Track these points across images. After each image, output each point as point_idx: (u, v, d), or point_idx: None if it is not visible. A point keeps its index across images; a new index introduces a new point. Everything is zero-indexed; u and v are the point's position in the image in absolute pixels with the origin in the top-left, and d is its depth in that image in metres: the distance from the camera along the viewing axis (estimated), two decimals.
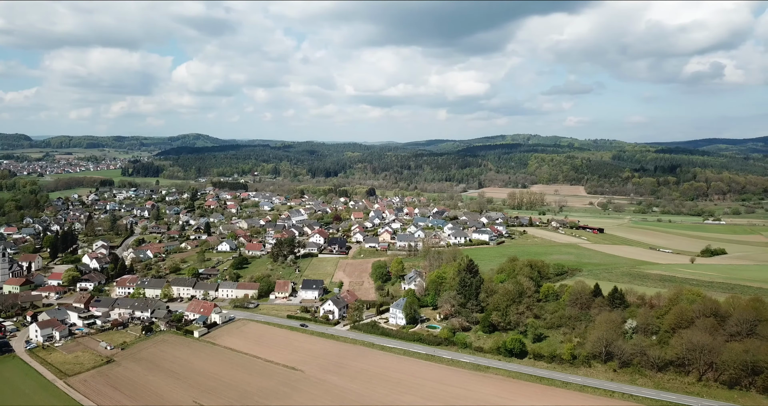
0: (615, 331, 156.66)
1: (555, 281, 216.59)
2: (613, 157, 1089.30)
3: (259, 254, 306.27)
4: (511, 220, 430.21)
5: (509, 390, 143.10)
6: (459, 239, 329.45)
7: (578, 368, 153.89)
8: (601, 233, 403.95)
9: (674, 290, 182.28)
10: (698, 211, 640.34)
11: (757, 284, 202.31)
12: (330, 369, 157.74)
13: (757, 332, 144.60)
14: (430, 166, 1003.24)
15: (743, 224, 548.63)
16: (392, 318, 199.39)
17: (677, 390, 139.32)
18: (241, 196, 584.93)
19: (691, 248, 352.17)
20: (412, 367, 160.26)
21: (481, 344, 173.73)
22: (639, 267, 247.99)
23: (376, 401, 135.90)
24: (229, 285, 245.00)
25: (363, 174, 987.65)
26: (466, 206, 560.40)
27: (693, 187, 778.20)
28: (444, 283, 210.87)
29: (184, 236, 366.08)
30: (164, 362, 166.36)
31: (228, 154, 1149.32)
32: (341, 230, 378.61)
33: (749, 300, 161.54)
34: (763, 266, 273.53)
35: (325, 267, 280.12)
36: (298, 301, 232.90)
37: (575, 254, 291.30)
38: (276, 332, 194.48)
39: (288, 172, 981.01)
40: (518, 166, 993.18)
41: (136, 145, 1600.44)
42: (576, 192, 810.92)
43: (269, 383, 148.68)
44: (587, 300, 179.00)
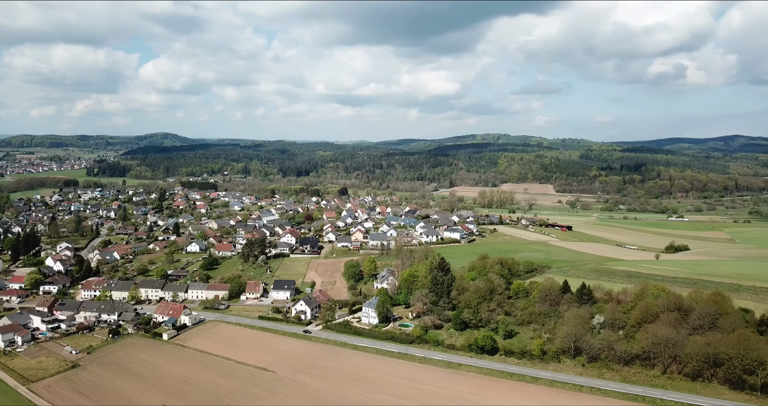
0: (583, 326, 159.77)
1: (525, 278, 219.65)
2: (581, 156, 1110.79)
3: (230, 255, 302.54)
4: (481, 218, 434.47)
5: (481, 386, 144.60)
6: (431, 237, 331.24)
7: (548, 364, 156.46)
8: (569, 231, 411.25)
9: (640, 285, 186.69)
10: (662, 208, 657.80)
11: (718, 278, 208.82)
12: (302, 369, 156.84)
13: (718, 325, 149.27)
14: (402, 166, 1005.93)
15: (705, 220, 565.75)
16: (365, 317, 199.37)
17: (643, 383, 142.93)
18: (210, 196, 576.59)
19: (655, 244, 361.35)
20: (384, 366, 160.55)
21: (453, 342, 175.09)
22: (606, 264, 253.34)
23: (349, 401, 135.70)
24: (198, 286, 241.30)
25: (335, 173, 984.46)
26: (437, 205, 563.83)
27: (657, 186, 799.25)
28: (416, 281, 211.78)
29: (152, 236, 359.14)
30: (132, 365, 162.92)
31: (197, 154, 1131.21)
32: (313, 229, 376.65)
33: (711, 294, 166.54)
34: (723, 261, 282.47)
35: (297, 267, 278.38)
36: (269, 301, 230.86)
37: (544, 252, 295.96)
38: (247, 333, 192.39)
39: (258, 171, 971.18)
40: (488, 166, 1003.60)
41: (102, 144, 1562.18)
42: (545, 191, 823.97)
43: (240, 384, 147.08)
44: (556, 297, 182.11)
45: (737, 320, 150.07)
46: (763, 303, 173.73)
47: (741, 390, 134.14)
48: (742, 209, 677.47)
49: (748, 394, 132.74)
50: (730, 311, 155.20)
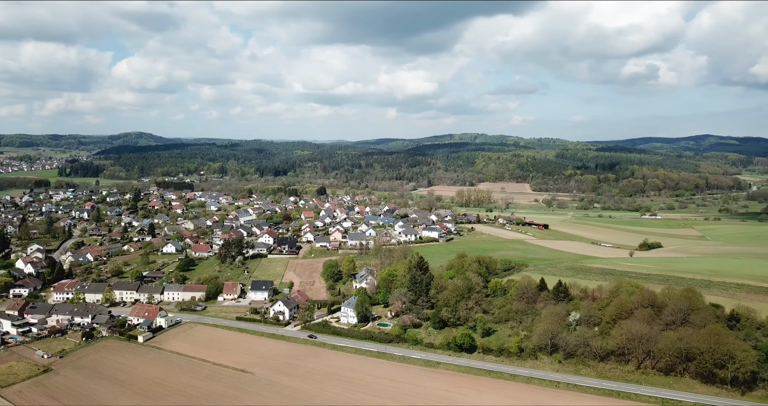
0: (560, 323, 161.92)
1: (502, 276, 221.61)
2: (557, 155, 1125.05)
3: (207, 256, 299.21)
4: (459, 217, 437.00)
5: (459, 385, 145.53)
6: (409, 236, 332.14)
7: (525, 361, 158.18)
8: (546, 229, 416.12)
9: (614, 282, 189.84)
10: (636, 206, 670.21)
11: (690, 275, 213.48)
12: (281, 370, 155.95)
13: (690, 320, 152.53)
14: (380, 165, 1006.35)
15: (677, 218, 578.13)
16: (343, 317, 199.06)
17: (618, 378, 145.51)
18: (186, 197, 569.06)
19: (629, 242, 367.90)
20: (363, 365, 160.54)
21: (432, 340, 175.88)
22: (582, 261, 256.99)
23: (328, 401, 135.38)
24: (175, 288, 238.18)
25: (313, 173, 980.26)
26: (416, 204, 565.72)
27: (631, 184, 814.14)
28: (395, 280, 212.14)
29: (126, 237, 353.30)
30: (106, 369, 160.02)
31: (172, 153, 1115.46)
32: (291, 229, 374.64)
33: (683, 291, 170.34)
34: (695, 258, 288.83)
35: (275, 267, 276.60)
36: (247, 302, 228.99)
37: (521, 250, 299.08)
38: (225, 335, 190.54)
39: (235, 171, 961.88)
40: (466, 165, 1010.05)
41: (74, 143, 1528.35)
42: (522, 189, 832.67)
43: (217, 386, 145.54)
44: (533, 294, 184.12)
45: (708, 315, 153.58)
46: (732, 299, 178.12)
47: (712, 384, 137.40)
48: (713, 206, 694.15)
49: (718, 387, 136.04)
50: (702, 307, 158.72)
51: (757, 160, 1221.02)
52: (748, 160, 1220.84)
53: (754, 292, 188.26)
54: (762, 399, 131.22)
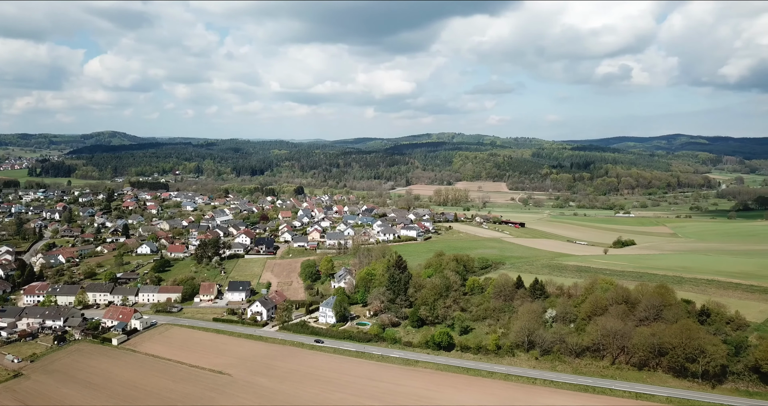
0: (536, 320, 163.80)
1: (480, 274, 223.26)
2: (533, 154, 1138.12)
3: (182, 256, 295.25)
4: (437, 216, 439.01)
5: (437, 383, 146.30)
6: (388, 235, 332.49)
7: (503, 358, 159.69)
8: (522, 228, 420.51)
9: (590, 279, 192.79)
10: (610, 205, 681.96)
11: (662, 271, 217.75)
12: (259, 371, 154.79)
13: (662, 316, 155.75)
14: (358, 165, 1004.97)
15: (650, 216, 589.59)
16: (322, 317, 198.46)
17: (593, 374, 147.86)
18: (161, 197, 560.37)
19: (604, 239, 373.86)
20: (342, 365, 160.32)
21: (411, 339, 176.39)
22: (557, 259, 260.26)
23: (307, 401, 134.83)
24: (150, 289, 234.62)
25: (290, 172, 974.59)
26: (394, 203, 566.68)
27: (605, 183, 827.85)
28: (374, 280, 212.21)
29: (99, 239, 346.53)
30: (79, 372, 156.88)
31: (147, 153, 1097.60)
32: (269, 229, 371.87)
33: (656, 287, 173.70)
34: (667, 255, 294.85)
35: (252, 268, 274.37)
36: (224, 303, 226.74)
37: (498, 248, 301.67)
38: (201, 336, 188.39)
39: (211, 170, 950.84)
40: (444, 164, 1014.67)
41: (45, 143, 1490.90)
42: (498, 188, 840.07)
43: (194, 388, 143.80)
44: (510, 292, 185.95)
45: (680, 311, 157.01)
46: (703, 294, 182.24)
47: (684, 378, 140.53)
48: (684, 204, 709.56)
49: (690, 381, 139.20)
50: (674, 303, 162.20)
51: (726, 159, 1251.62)
52: (718, 159, 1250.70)
53: (723, 287, 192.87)
54: (731, 392, 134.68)
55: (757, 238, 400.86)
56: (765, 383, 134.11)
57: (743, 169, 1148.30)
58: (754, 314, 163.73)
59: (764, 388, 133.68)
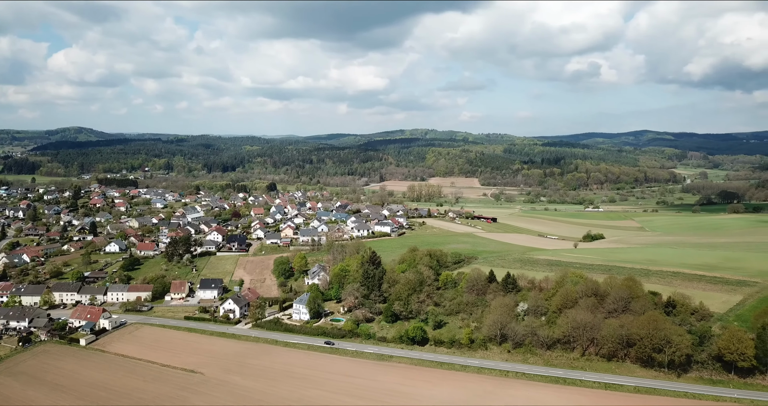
0: (508, 314, 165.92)
1: (453, 269, 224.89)
2: (505, 150, 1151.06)
3: (152, 254, 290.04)
4: (411, 212, 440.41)
5: (412, 377, 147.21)
6: (362, 231, 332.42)
7: (476, 351, 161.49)
8: (494, 222, 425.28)
9: (560, 273, 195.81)
10: (580, 199, 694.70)
11: (630, 264, 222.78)
12: (232, 369, 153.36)
13: (630, 308, 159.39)
14: (332, 160, 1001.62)
15: (618, 210, 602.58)
16: (296, 314, 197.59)
17: (564, 366, 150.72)
18: (130, 194, 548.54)
19: (574, 233, 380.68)
20: (316, 361, 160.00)
21: (385, 334, 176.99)
22: (529, 253, 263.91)
23: (281, 399, 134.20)
24: (119, 288, 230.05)
25: (263, 168, 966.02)
26: (368, 199, 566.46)
27: (575, 178, 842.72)
28: (348, 276, 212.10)
29: (66, 237, 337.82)
30: (46, 374, 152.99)
31: (115, 149, 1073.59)
32: (241, 226, 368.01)
33: (624, 280, 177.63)
34: (635, 248, 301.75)
35: (225, 265, 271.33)
36: (196, 301, 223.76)
37: (471, 243, 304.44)
38: (173, 335, 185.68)
39: (182, 167, 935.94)
40: (417, 160, 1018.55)
41: (7, 139, 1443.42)
42: (471, 184, 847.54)
43: (166, 388, 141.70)
44: (483, 286, 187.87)
45: (647, 302, 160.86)
46: (669, 286, 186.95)
47: (650, 367, 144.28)
48: (651, 199, 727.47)
49: (656, 371, 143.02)
50: (641, 295, 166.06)
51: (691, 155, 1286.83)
52: (683, 155, 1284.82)
53: (688, 279, 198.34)
54: (696, 380, 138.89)
55: (720, 231, 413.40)
56: (727, 371, 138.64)
57: (707, 164, 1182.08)
58: (718, 304, 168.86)
59: (727, 376, 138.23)
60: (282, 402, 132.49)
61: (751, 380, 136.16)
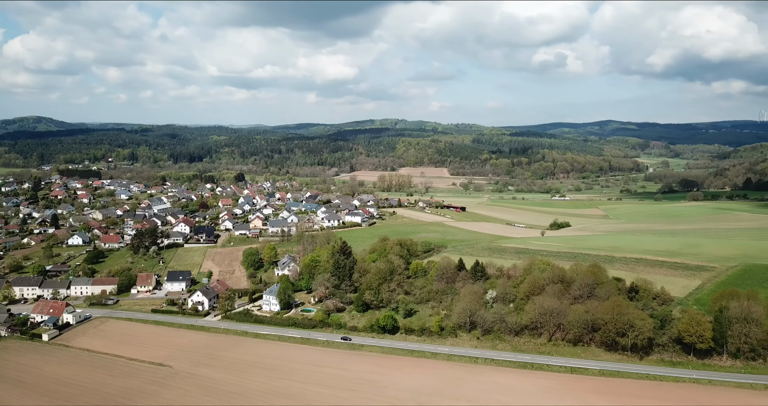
0: (477, 301, 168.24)
1: (423, 257, 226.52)
2: (473, 140, 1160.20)
3: (117, 247, 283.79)
4: (381, 202, 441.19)
5: (382, 366, 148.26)
6: (332, 222, 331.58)
7: (446, 339, 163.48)
8: (463, 212, 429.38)
9: (528, 261, 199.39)
10: (547, 188, 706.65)
11: (595, 251, 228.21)
12: (201, 362, 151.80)
13: (595, 294, 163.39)
14: (301, 150, 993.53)
15: (584, 199, 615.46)
16: (266, 305, 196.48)
17: (531, 351, 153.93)
18: (93, 185, 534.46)
19: (541, 222, 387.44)
20: (287, 352, 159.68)
21: (356, 324, 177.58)
22: (497, 241, 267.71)
23: (251, 390, 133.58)
24: (83, 281, 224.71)
25: (230, 159, 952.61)
26: (338, 190, 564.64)
27: (542, 167, 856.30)
28: (318, 266, 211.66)
29: (26, 230, 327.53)
30: (8, 371, 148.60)
31: (76, 139, 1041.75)
32: (209, 217, 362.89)
33: (589, 266, 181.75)
34: (600, 235, 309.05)
35: (192, 257, 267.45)
36: (163, 294, 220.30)
37: (441, 232, 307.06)
38: (140, 328, 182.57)
39: (147, 157, 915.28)
40: (387, 150, 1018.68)
41: None
42: (440, 174, 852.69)
43: (134, 382, 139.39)
44: (452, 274, 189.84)
45: (611, 288, 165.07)
46: (632, 272, 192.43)
47: (614, 351, 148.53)
48: (615, 187, 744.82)
49: (620, 354, 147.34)
50: (605, 281, 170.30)
51: (653, 144, 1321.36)
52: (646, 144, 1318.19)
53: (650, 265, 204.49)
54: (657, 363, 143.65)
55: (681, 218, 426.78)
56: (687, 353, 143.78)
57: (668, 153, 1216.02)
58: (678, 289, 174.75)
59: (686, 358, 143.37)
60: (252, 393, 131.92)
61: (708, 361, 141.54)
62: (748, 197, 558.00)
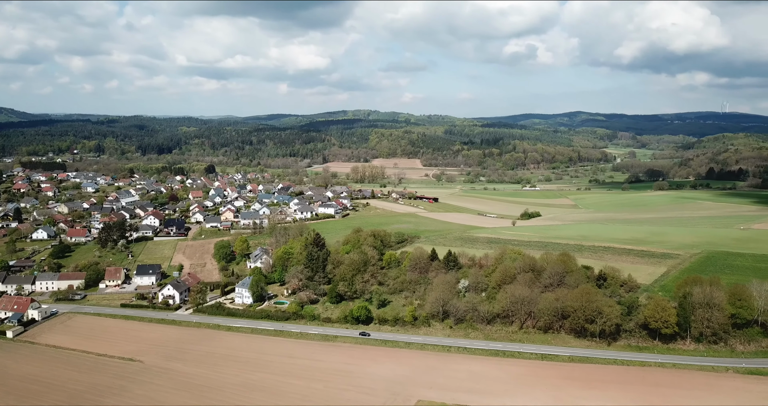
0: (450, 291, 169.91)
1: (396, 248, 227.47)
2: (446, 131, 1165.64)
3: (84, 241, 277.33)
4: (354, 193, 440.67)
5: (356, 356, 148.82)
6: (305, 213, 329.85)
7: (419, 329, 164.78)
8: (436, 202, 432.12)
9: (499, 250, 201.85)
10: (518, 179, 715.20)
11: (564, 240, 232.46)
12: (173, 356, 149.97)
13: (565, 282, 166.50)
14: (273, 142, 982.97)
15: (553, 189, 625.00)
16: (238, 298, 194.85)
17: (503, 339, 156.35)
18: (58, 178, 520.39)
19: (512, 212, 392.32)
20: (260, 344, 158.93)
21: (329, 315, 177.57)
22: (469, 231, 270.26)
23: (225, 383, 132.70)
24: (48, 277, 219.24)
25: (200, 150, 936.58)
26: (311, 181, 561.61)
27: (513, 158, 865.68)
28: (291, 258, 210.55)
29: None
30: None
31: (39, 131, 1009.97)
32: (179, 210, 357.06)
33: (559, 255, 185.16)
34: (569, 225, 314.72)
35: (163, 250, 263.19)
36: (132, 288, 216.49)
37: (414, 223, 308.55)
38: (109, 324, 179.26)
39: (114, 149, 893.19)
40: (360, 141, 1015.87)
41: None
42: (413, 165, 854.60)
43: (103, 378, 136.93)
44: (425, 264, 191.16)
45: (580, 276, 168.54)
46: (600, 260, 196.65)
47: (584, 338, 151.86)
48: (584, 177, 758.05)
49: (589, 340, 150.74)
50: (575, 269, 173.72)
51: (621, 135, 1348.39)
52: (614, 135, 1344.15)
53: (618, 253, 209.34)
54: (625, 348, 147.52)
55: (647, 207, 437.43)
56: (652, 338, 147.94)
57: (635, 144, 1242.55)
58: (644, 276, 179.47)
59: (652, 342, 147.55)
60: (225, 387, 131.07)
61: (673, 345, 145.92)
62: (711, 186, 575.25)
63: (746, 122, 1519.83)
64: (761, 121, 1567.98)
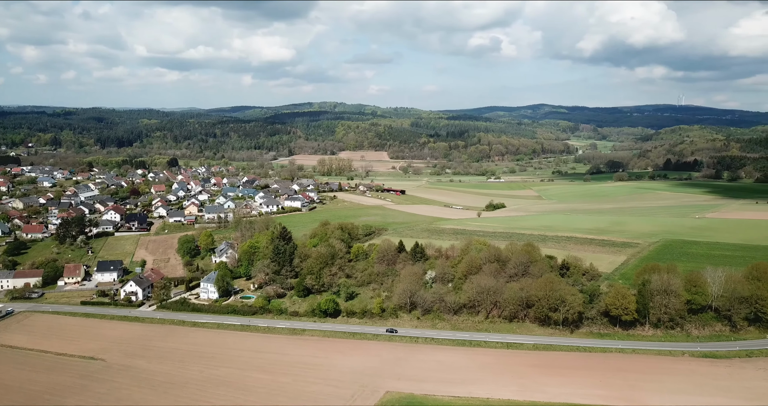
0: (417, 282, 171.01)
1: (364, 241, 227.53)
2: (412, 124, 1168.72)
3: (41, 237, 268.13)
4: (321, 186, 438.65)
5: (324, 349, 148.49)
6: (271, 207, 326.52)
7: (387, 320, 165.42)
8: (403, 195, 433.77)
9: (465, 241, 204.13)
10: (483, 171, 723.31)
11: (529, 231, 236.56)
12: (136, 354, 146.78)
13: (529, 271, 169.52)
14: (237, 134, 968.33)
15: (518, 180, 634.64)
16: (204, 293, 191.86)
17: (470, 329, 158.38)
18: (12, 172, 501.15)
19: (477, 203, 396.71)
20: (226, 339, 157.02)
21: (297, 309, 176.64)
22: (436, 223, 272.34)
23: (188, 379, 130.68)
24: (3, 275, 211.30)
25: (162, 143, 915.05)
26: (277, 174, 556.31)
27: (478, 150, 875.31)
28: (257, 252, 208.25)
29: None
30: None
31: None
32: (141, 204, 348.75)
33: (523, 245, 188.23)
34: (533, 215, 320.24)
35: (124, 246, 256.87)
36: (93, 285, 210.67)
37: (381, 215, 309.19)
38: (68, 322, 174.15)
39: (71, 142, 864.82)
40: (326, 134, 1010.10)
41: None
42: (380, 157, 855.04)
43: (62, 377, 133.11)
44: (393, 256, 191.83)
45: (544, 266, 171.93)
46: (563, 250, 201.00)
47: (547, 326, 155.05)
48: (547, 169, 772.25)
49: (552, 328, 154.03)
50: (539, 259, 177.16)
51: (582, 127, 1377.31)
52: (576, 127, 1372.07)
53: (580, 243, 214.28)
54: (587, 335, 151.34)
55: (608, 198, 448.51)
56: (613, 325, 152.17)
57: (596, 136, 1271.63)
58: (605, 265, 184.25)
59: (613, 329, 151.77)
60: (189, 382, 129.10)
61: (632, 332, 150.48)
62: (668, 177, 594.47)
63: (701, 115, 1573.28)
64: (715, 113, 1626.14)
